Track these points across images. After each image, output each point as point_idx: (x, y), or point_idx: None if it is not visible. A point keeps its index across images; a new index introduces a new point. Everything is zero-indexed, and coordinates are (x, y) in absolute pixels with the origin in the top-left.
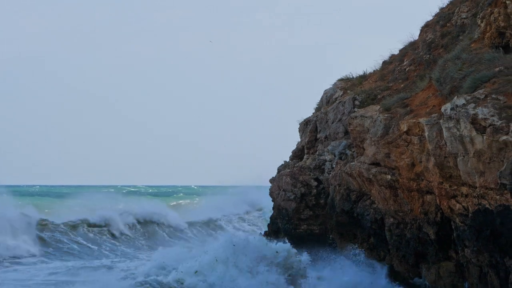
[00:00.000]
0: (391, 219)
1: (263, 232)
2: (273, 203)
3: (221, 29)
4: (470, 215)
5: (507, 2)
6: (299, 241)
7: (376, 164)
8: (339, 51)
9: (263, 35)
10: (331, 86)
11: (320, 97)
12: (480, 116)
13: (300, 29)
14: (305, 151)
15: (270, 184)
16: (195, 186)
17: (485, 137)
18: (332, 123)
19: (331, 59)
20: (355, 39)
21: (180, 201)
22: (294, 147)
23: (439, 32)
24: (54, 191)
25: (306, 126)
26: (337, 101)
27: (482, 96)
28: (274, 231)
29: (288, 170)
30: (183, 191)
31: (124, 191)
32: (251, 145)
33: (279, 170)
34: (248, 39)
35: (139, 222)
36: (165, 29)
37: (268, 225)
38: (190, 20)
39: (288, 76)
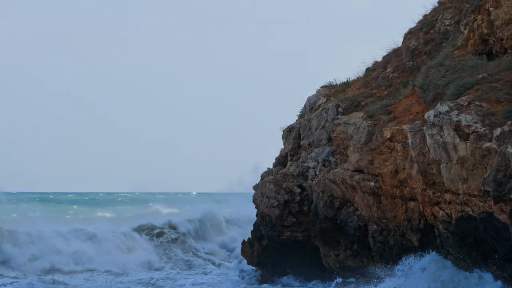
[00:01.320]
0: (375, 226)
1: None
2: (256, 210)
3: (205, 35)
4: (453, 222)
5: (491, 9)
6: (282, 248)
7: (359, 171)
8: (322, 58)
9: (245, 42)
10: (315, 93)
11: (303, 104)
12: (463, 123)
13: (282, 36)
14: (289, 158)
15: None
16: (194, 193)
17: (468, 144)
18: (316, 130)
19: (314, 66)
20: (338, 46)
21: None
22: (277, 154)
23: (423, 39)
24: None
25: (290, 133)
26: (321, 108)
27: (466, 103)
28: (257, 238)
29: (272, 177)
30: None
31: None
32: (233, 151)
33: (262, 177)
34: (231, 45)
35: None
36: (152, 35)
37: (252, 232)
38: (175, 26)
39: (271, 82)
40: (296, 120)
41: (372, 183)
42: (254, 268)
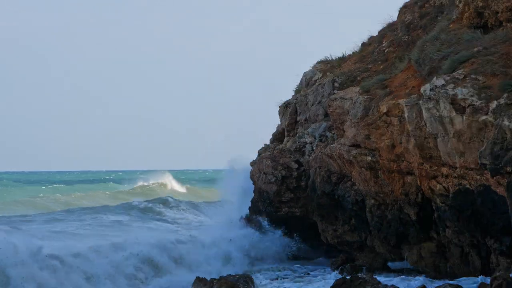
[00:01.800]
0: (372, 201)
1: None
2: (253, 186)
3: (200, 15)
4: (450, 195)
5: None
6: (280, 224)
7: (356, 145)
8: (318, 33)
9: (241, 18)
10: (311, 68)
11: (299, 79)
12: (459, 97)
13: (278, 11)
14: (286, 133)
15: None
16: (212, 170)
17: (464, 117)
18: (312, 105)
19: (310, 41)
20: (333, 21)
21: None
22: (274, 129)
23: (418, 13)
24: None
25: (286, 108)
26: (317, 84)
27: (461, 77)
28: (255, 214)
29: (269, 153)
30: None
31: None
32: (235, 129)
33: (259, 153)
34: (226, 22)
35: None
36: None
37: (249, 208)
38: (165, 7)
39: (267, 58)
40: (293, 95)
41: (369, 158)
42: None
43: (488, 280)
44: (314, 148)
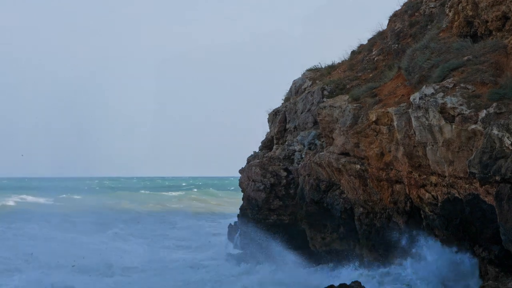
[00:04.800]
0: (361, 209)
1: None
2: (242, 193)
3: (186, 21)
4: (439, 204)
5: None
6: (268, 231)
7: (345, 154)
8: (308, 41)
9: (230, 24)
10: (300, 76)
11: (289, 87)
12: (448, 105)
13: (268, 18)
14: (275, 141)
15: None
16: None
17: (454, 126)
18: (301, 113)
19: (300, 49)
20: (324, 29)
21: None
22: (263, 137)
23: (407, 22)
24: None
25: (275, 116)
26: (306, 91)
27: (451, 85)
28: (244, 222)
29: (258, 161)
30: None
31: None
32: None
33: (248, 160)
34: (213, 28)
35: None
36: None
37: (238, 215)
38: (152, 14)
39: (256, 66)
40: (282, 103)
41: (358, 166)
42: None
43: None
44: (303, 156)
